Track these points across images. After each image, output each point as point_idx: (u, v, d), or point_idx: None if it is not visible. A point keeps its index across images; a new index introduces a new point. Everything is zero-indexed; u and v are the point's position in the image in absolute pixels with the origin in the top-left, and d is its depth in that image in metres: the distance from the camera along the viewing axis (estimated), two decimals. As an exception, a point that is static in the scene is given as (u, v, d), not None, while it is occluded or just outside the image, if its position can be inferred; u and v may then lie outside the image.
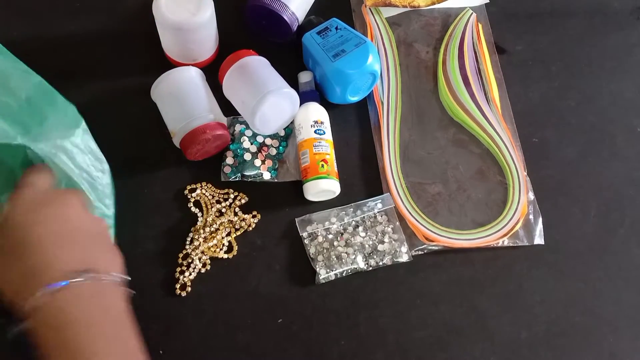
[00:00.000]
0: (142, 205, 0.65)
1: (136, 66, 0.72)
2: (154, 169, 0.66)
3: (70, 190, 0.51)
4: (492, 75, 0.76)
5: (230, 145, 0.68)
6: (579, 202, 0.70)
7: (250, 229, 0.65)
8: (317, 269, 0.63)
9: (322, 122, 0.67)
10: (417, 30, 0.79)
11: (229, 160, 0.67)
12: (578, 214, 0.69)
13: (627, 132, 0.74)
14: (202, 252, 0.63)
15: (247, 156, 0.67)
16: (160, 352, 0.49)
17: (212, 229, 0.64)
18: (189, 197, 0.66)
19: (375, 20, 0.78)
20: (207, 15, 0.65)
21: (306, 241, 0.64)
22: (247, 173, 0.66)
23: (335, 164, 0.67)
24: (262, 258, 0.64)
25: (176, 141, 0.65)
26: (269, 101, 0.64)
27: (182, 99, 0.65)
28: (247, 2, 0.71)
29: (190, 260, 0.63)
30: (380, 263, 0.64)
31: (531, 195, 0.69)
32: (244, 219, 0.65)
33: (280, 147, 0.69)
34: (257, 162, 0.67)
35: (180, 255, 0.63)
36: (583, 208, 0.69)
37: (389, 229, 0.65)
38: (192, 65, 0.70)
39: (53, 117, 0.50)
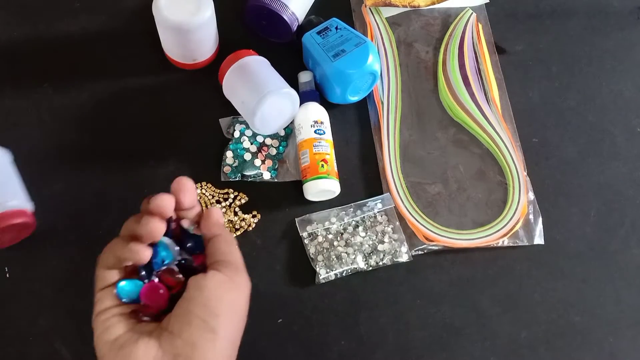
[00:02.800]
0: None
1: (136, 66, 0.72)
2: (153, 169, 0.66)
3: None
4: (492, 75, 0.76)
5: (230, 145, 0.68)
6: (579, 202, 0.70)
7: (250, 229, 0.65)
8: (317, 269, 0.63)
9: (322, 122, 0.67)
10: (417, 30, 0.79)
11: (229, 160, 0.67)
12: (578, 214, 0.69)
13: (627, 132, 0.74)
14: (202, 252, 0.63)
15: (247, 156, 0.67)
16: (160, 352, 0.49)
17: (212, 229, 0.64)
18: (189, 197, 0.66)
19: (375, 20, 0.78)
20: (207, 15, 0.65)
21: (306, 241, 0.64)
22: (247, 173, 0.66)
23: (335, 164, 0.67)
24: (262, 258, 0.64)
25: None
26: (269, 101, 0.64)
27: None
28: (247, 2, 0.71)
29: (190, 260, 0.63)
30: (380, 263, 0.64)
31: (531, 195, 0.69)
32: (244, 219, 0.65)
33: (280, 147, 0.69)
34: (257, 162, 0.67)
35: (180, 255, 0.63)
36: (583, 208, 0.69)
37: (389, 229, 0.65)
38: (192, 65, 0.71)
39: None
